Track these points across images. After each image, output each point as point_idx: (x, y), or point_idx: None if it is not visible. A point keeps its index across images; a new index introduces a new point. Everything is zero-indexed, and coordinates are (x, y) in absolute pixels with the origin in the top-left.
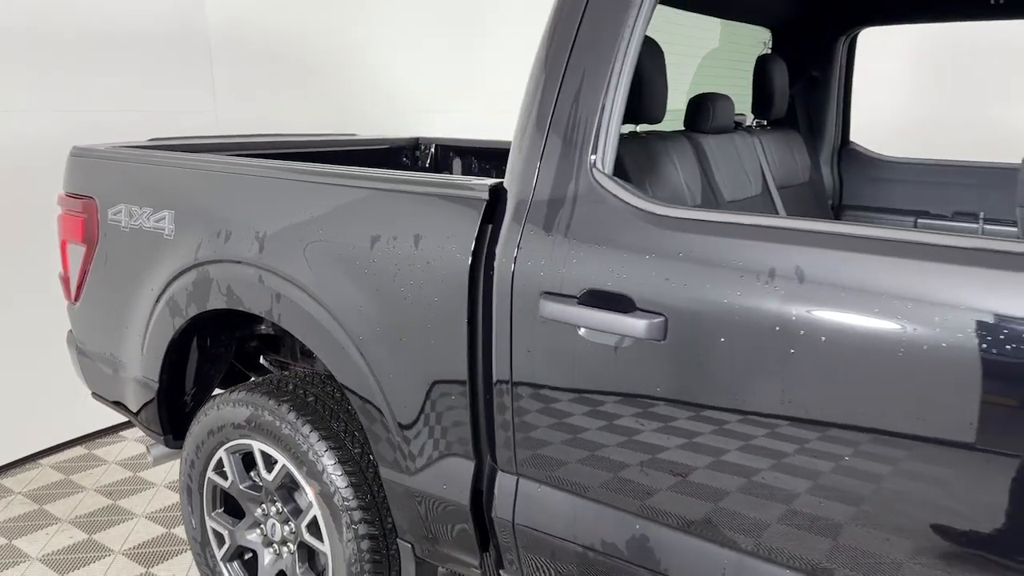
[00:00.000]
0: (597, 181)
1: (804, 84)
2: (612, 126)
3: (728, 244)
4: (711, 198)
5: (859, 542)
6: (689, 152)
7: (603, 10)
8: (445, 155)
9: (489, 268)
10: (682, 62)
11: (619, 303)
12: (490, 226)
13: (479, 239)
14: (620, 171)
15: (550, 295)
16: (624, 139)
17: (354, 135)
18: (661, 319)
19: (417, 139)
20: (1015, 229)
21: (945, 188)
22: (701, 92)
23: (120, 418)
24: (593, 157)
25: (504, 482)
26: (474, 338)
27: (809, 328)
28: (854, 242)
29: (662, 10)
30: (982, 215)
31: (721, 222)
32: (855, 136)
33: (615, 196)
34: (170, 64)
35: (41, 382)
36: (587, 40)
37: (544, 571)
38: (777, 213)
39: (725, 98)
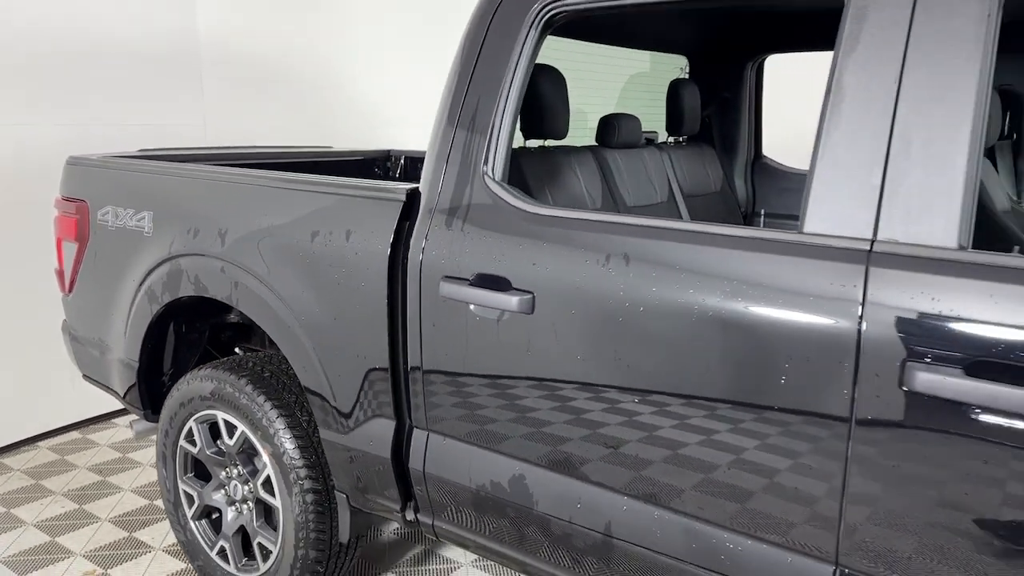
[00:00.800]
0: (487, 187)
1: (718, 105)
2: (501, 143)
3: (578, 236)
4: (611, 204)
5: (675, 475)
6: (592, 164)
7: (492, 53)
8: (414, 166)
9: (404, 258)
10: (614, 86)
11: (500, 284)
12: (407, 223)
13: (397, 233)
14: (522, 179)
15: (449, 278)
16: (530, 152)
17: (330, 147)
18: (530, 296)
19: (388, 151)
20: None
21: None
22: (611, 113)
23: (112, 406)
24: (485, 167)
25: (417, 438)
26: (393, 316)
27: (632, 301)
28: (665, 232)
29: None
30: None
31: (574, 218)
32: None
33: (500, 198)
34: (163, 81)
35: (40, 373)
36: (481, 76)
37: (449, 511)
38: (680, 217)
39: (631, 117)
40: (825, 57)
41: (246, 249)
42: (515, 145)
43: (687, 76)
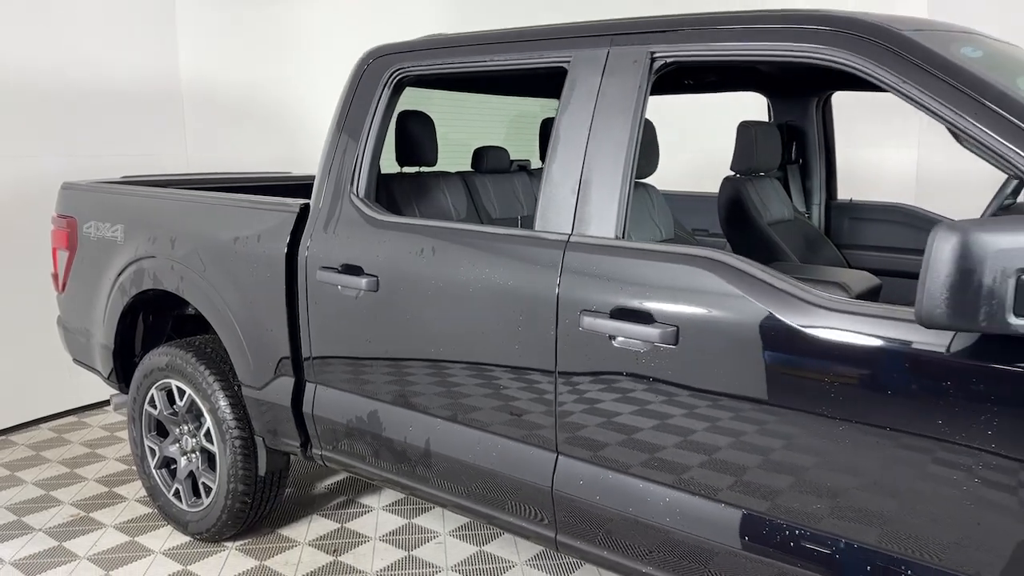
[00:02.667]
0: (352, 202)
1: None
2: (364, 170)
3: (405, 236)
4: (476, 217)
5: (466, 400)
6: (460, 185)
7: (358, 105)
8: None
9: (296, 254)
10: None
11: (356, 270)
12: (299, 229)
13: (292, 236)
14: (391, 197)
15: (324, 268)
16: (403, 176)
17: (289, 173)
18: (375, 278)
19: None
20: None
21: (695, 211)
22: (482, 145)
23: (104, 394)
24: (351, 188)
25: (308, 389)
26: (290, 297)
27: (436, 280)
28: (453, 232)
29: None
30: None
31: (403, 223)
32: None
33: (360, 210)
34: (150, 116)
35: (43, 365)
36: (350, 122)
37: (331, 444)
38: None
39: (500, 148)
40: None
41: (189, 252)
42: (394, 171)
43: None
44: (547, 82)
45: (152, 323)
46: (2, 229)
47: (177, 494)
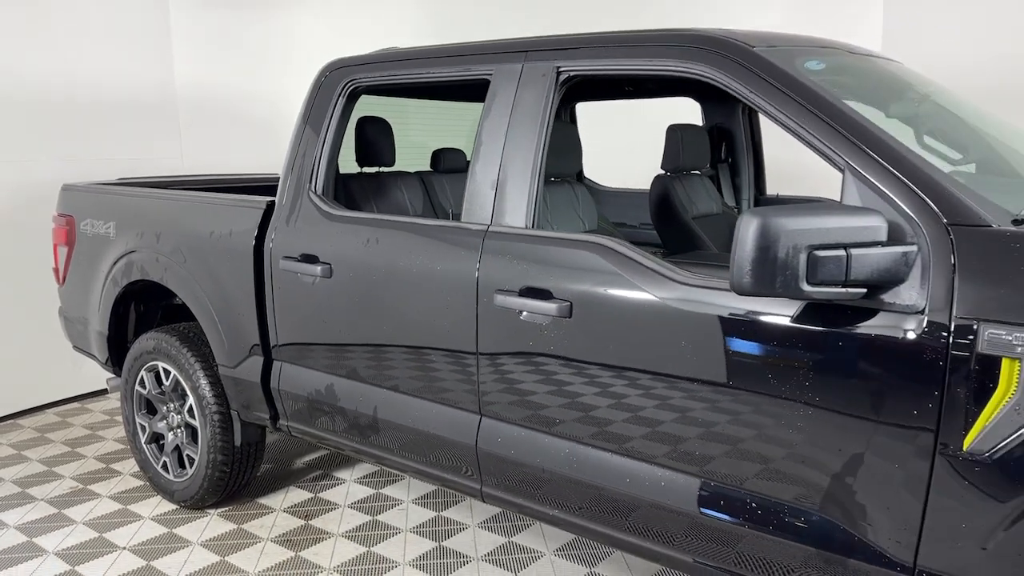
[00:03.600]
0: (311, 198)
1: None
2: (321, 170)
3: (354, 227)
4: (432, 212)
5: (407, 372)
6: (418, 184)
7: (316, 113)
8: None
9: (263, 246)
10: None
11: (313, 259)
12: (266, 224)
13: (260, 230)
14: (349, 195)
15: (286, 257)
16: (362, 175)
17: (276, 174)
18: (329, 265)
19: None
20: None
21: (637, 207)
22: (441, 147)
23: (105, 384)
24: (310, 186)
25: (275, 367)
26: (258, 285)
27: (380, 265)
28: (394, 223)
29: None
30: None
31: (352, 216)
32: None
33: (317, 205)
34: (147, 122)
35: (48, 356)
36: (310, 128)
37: (295, 416)
38: None
39: (456, 150)
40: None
41: (171, 245)
42: (355, 171)
43: None
44: (481, 91)
45: (143, 312)
46: (9, 228)
47: (165, 466)
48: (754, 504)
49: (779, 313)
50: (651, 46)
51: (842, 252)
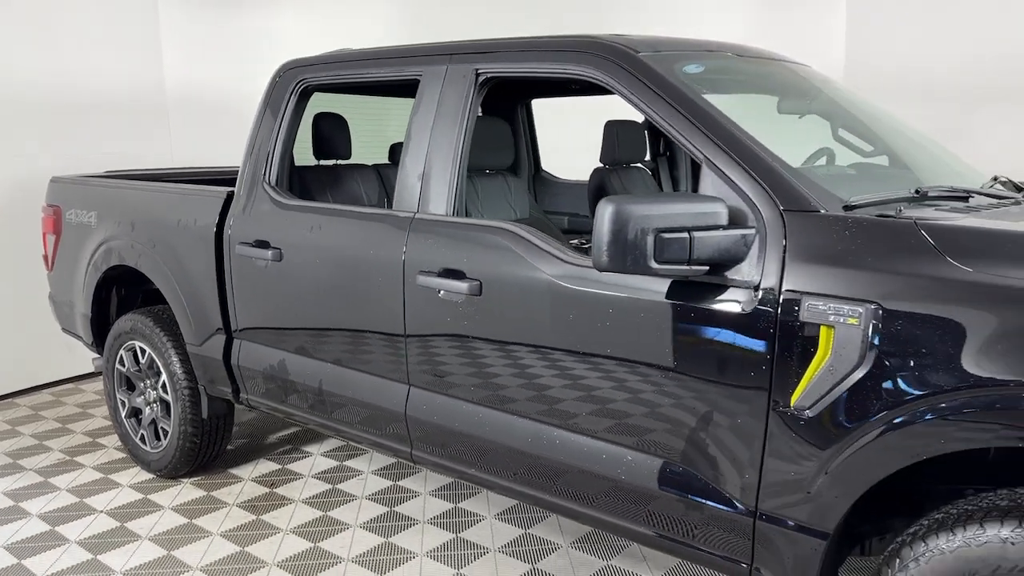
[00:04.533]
0: (264, 189)
1: None
2: (275, 162)
3: (301, 215)
4: (387, 203)
5: (351, 350)
6: (373, 176)
7: (271, 110)
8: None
9: (223, 233)
10: None
11: (265, 245)
12: (226, 212)
13: (220, 218)
14: (304, 186)
15: (242, 243)
16: (318, 168)
17: None
18: (279, 251)
19: None
20: None
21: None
22: (398, 141)
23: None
24: (265, 177)
25: (235, 344)
26: (219, 268)
27: (321, 248)
28: (335, 211)
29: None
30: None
31: (299, 205)
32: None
33: (270, 195)
34: (138, 118)
35: (44, 337)
36: (265, 124)
37: (253, 389)
38: None
39: None
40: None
41: (144, 232)
42: (313, 163)
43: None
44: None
45: (124, 296)
46: (7, 219)
47: (143, 438)
48: (630, 459)
49: (652, 289)
50: (553, 51)
51: (685, 235)
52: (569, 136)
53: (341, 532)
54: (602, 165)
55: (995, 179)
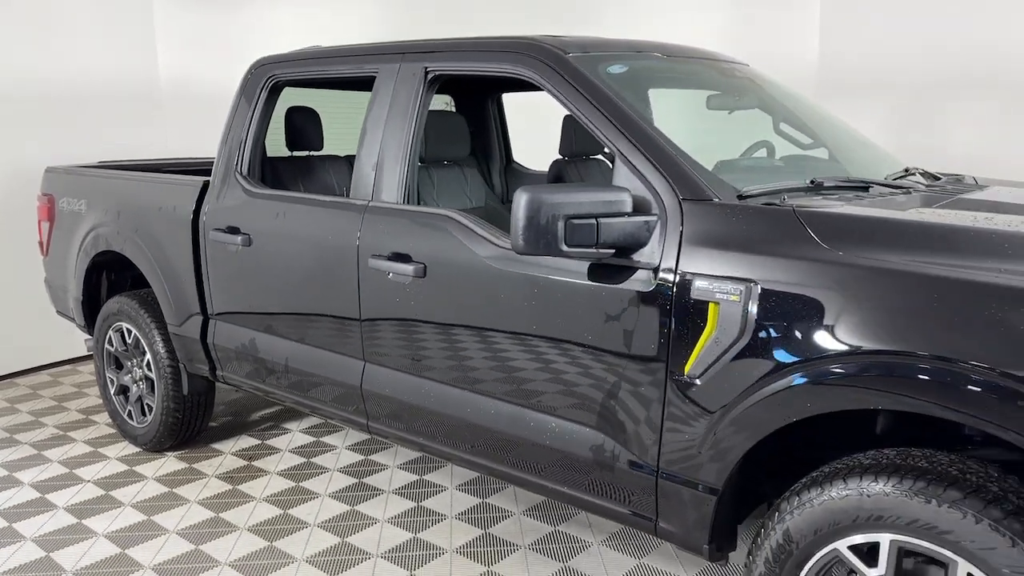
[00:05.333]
0: (236, 179)
1: (477, 127)
2: (247, 154)
3: (268, 203)
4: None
5: (312, 330)
6: (345, 167)
7: (243, 104)
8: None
9: (199, 219)
10: None
11: (236, 230)
12: (202, 200)
13: (196, 205)
14: (277, 176)
15: (215, 230)
16: (291, 159)
17: None
18: (248, 236)
19: None
20: None
21: None
22: None
23: None
24: (237, 168)
25: (211, 324)
26: (196, 253)
27: (287, 236)
28: (298, 199)
29: None
30: None
31: (267, 194)
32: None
33: (241, 184)
34: (134, 110)
35: (43, 321)
36: (238, 118)
37: (227, 366)
38: None
39: None
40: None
41: (128, 219)
42: (286, 155)
43: (453, 109)
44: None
45: (114, 280)
46: (9, 207)
47: (130, 414)
48: (554, 426)
49: (570, 270)
50: (493, 51)
51: (593, 221)
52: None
53: (310, 501)
54: (561, 157)
55: (906, 170)
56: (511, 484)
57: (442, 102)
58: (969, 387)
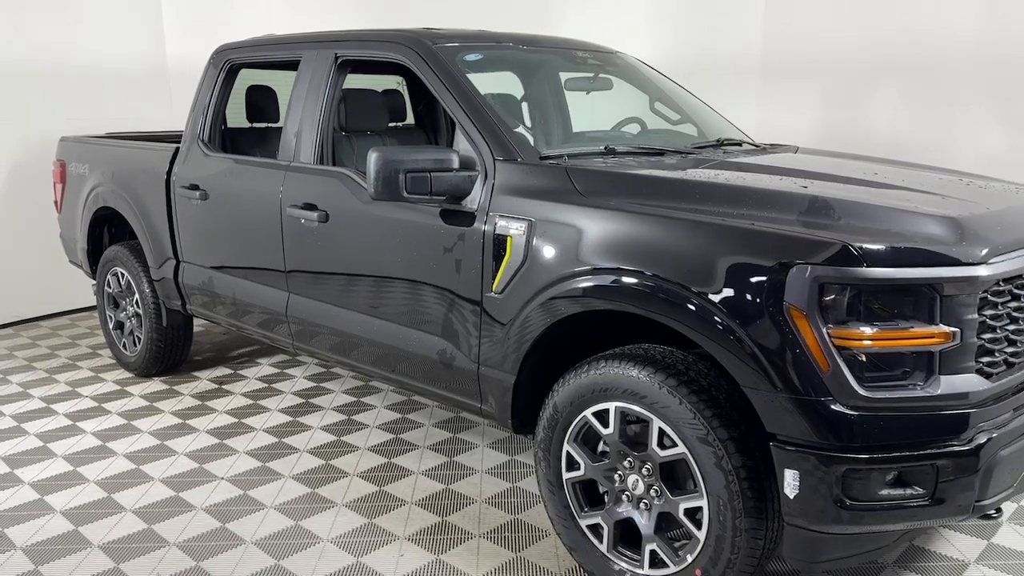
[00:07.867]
0: (198, 145)
1: (425, 105)
2: (207, 125)
3: (222, 162)
4: None
5: (268, 275)
6: None
7: (205, 84)
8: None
9: (171, 178)
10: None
11: (196, 187)
12: (174, 163)
13: (169, 167)
14: (237, 144)
15: (182, 187)
16: (249, 129)
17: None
18: (205, 191)
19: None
20: None
21: None
22: None
23: None
24: (200, 135)
25: (181, 266)
26: (168, 205)
27: (232, 191)
28: (248, 162)
29: None
30: None
31: (222, 157)
32: None
33: (201, 150)
34: (143, 87)
35: (64, 271)
36: (201, 95)
37: (193, 301)
38: None
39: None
40: None
41: (120, 180)
42: (244, 126)
43: (404, 88)
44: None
45: (114, 232)
46: (34, 174)
47: (124, 345)
48: (415, 337)
49: (427, 211)
50: (380, 41)
51: (427, 174)
52: None
53: (263, 413)
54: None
55: (719, 141)
56: (392, 386)
57: (395, 82)
58: (659, 295)
